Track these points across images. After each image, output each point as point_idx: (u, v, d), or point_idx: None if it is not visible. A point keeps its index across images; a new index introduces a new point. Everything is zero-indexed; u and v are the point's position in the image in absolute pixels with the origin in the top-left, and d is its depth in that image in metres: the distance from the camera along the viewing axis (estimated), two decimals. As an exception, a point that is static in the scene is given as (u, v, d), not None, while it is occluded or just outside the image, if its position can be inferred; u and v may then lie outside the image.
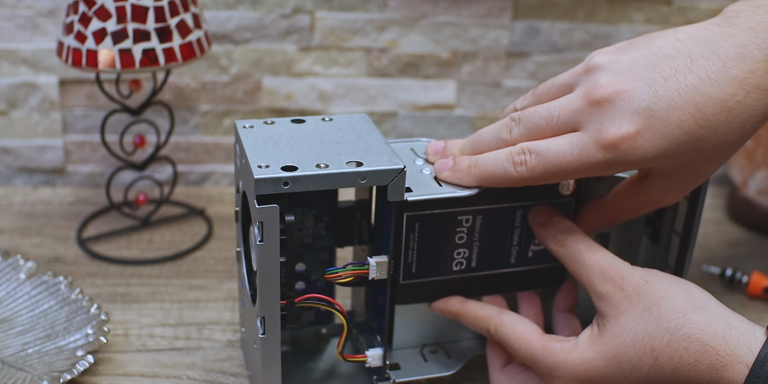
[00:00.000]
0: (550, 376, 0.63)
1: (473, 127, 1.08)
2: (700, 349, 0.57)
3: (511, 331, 0.66)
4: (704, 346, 0.57)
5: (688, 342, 0.58)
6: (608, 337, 0.61)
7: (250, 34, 1.00)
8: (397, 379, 0.70)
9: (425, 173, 0.68)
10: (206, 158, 1.06)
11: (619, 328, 0.61)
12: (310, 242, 0.72)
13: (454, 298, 0.70)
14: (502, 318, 0.67)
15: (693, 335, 0.58)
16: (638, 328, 0.60)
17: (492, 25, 1.03)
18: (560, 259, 0.66)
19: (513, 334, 0.66)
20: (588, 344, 0.62)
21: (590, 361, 0.61)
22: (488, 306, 0.69)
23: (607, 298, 0.62)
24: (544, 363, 0.63)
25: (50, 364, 0.73)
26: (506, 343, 0.66)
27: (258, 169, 0.59)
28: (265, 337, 0.63)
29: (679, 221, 0.71)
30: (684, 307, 0.59)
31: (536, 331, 0.65)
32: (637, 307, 0.60)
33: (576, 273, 0.65)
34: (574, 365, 0.62)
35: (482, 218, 0.68)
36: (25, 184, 1.05)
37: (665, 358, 0.59)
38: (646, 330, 0.59)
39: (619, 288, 0.62)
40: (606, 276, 0.62)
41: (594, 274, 0.63)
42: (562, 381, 0.63)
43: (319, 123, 0.67)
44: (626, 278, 0.62)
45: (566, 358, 0.62)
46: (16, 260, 0.83)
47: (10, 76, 0.99)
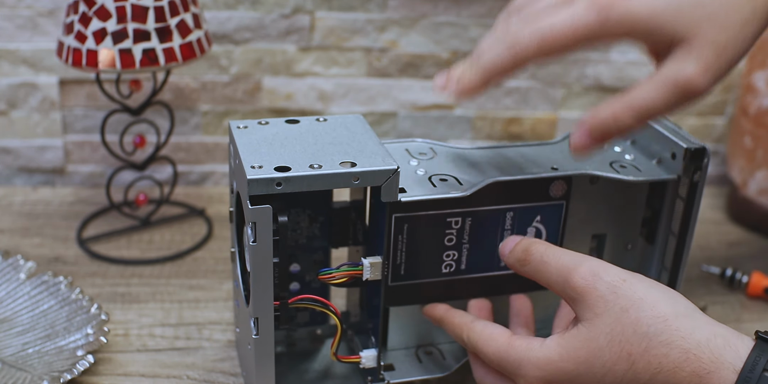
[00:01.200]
0: (515, 375, 0.61)
1: (473, 127, 1.08)
2: (681, 356, 0.55)
3: (481, 335, 0.64)
4: (686, 353, 0.55)
5: (668, 349, 0.55)
6: (581, 341, 0.58)
7: (250, 34, 1.00)
8: (391, 380, 0.70)
9: (419, 174, 0.68)
10: (206, 158, 1.06)
11: (594, 331, 0.58)
12: (304, 243, 0.72)
13: (440, 305, 0.69)
14: (474, 324, 0.65)
15: (673, 342, 0.55)
16: (615, 332, 0.57)
17: (492, 25, 1.02)
18: (530, 277, 0.64)
19: (482, 337, 0.64)
20: (557, 344, 0.59)
21: (556, 363, 0.59)
22: (466, 314, 0.68)
23: (581, 300, 0.59)
24: (509, 361, 0.61)
25: (50, 364, 0.73)
26: (477, 349, 0.64)
27: (251, 170, 0.59)
28: (259, 337, 0.63)
29: (675, 222, 0.71)
30: (665, 312, 0.56)
31: (505, 333, 0.63)
32: (613, 309, 0.57)
33: (547, 282, 0.62)
34: (539, 363, 0.59)
35: (471, 220, 0.68)
36: (25, 184, 1.05)
37: (642, 364, 0.56)
38: (623, 334, 0.56)
39: (592, 287, 0.58)
40: (578, 275, 0.59)
41: (563, 276, 0.60)
42: (527, 380, 0.60)
43: (313, 123, 0.67)
44: (599, 276, 0.59)
45: (530, 356, 0.60)
46: (16, 260, 0.83)
47: (10, 76, 0.99)
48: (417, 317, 0.73)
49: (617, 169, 0.70)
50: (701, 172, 0.68)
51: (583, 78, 1.06)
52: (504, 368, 0.62)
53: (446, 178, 0.67)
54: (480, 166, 0.69)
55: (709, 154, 0.68)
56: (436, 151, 0.71)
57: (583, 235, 0.73)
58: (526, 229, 0.70)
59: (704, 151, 0.68)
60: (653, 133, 0.71)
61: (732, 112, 1.08)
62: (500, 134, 1.09)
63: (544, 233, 0.71)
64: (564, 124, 1.09)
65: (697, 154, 0.68)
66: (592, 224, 0.73)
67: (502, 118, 1.08)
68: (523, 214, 0.70)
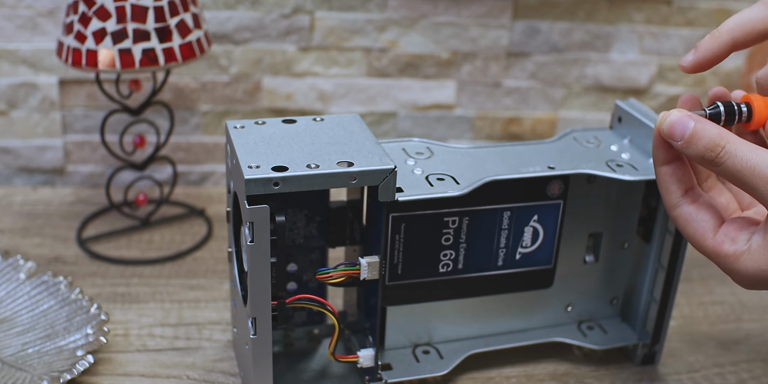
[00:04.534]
0: (726, 273, 0.59)
1: (473, 127, 1.08)
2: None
3: (686, 227, 0.60)
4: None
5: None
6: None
7: (250, 34, 1.00)
8: (389, 380, 0.70)
9: (416, 173, 0.68)
10: (206, 158, 1.06)
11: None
12: (301, 242, 0.72)
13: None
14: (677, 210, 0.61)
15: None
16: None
17: (492, 25, 1.03)
18: (718, 174, 0.58)
19: (688, 231, 0.60)
20: (762, 252, 0.57)
21: (767, 271, 0.56)
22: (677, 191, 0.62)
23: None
24: (718, 265, 0.59)
25: (50, 364, 0.73)
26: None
27: (248, 170, 0.59)
28: (256, 337, 0.63)
29: (671, 221, 0.71)
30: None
31: (708, 231, 0.60)
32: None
33: (743, 188, 0.56)
34: (749, 273, 0.57)
35: (468, 220, 0.68)
36: (25, 184, 1.05)
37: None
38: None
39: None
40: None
41: (767, 185, 0.54)
42: (737, 282, 0.59)
43: (310, 123, 0.67)
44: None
45: (738, 267, 0.57)
46: (16, 260, 0.84)
47: (10, 76, 0.99)
48: (414, 316, 0.73)
49: (614, 168, 0.70)
50: None
51: (583, 78, 1.07)
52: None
53: (443, 177, 0.67)
54: (477, 166, 0.69)
55: None
56: (433, 150, 0.71)
57: (579, 234, 0.73)
58: (524, 229, 0.70)
59: None
60: (650, 132, 0.71)
61: (732, 112, 1.08)
62: (500, 134, 1.09)
63: (542, 232, 0.71)
64: (564, 124, 1.09)
65: None
66: (589, 223, 0.73)
67: (502, 118, 1.08)
68: (520, 214, 0.70)
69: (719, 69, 1.07)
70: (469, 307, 0.74)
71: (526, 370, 0.76)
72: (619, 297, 0.78)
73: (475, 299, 0.74)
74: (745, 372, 0.77)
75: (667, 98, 1.09)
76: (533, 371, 0.76)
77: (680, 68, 0.62)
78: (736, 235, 0.58)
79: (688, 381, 0.76)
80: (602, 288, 0.77)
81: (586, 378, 0.76)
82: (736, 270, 0.58)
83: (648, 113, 0.73)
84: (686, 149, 0.58)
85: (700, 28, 1.05)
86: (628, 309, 0.78)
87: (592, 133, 0.76)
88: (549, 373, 0.76)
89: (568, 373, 0.76)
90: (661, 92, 1.09)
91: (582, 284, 0.76)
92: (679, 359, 0.79)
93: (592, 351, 0.79)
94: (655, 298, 0.75)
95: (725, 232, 0.59)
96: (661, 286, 0.74)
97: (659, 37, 1.05)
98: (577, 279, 0.75)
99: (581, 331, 0.77)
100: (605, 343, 0.76)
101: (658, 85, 1.08)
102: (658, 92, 1.09)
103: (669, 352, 0.79)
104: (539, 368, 0.77)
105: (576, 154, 0.72)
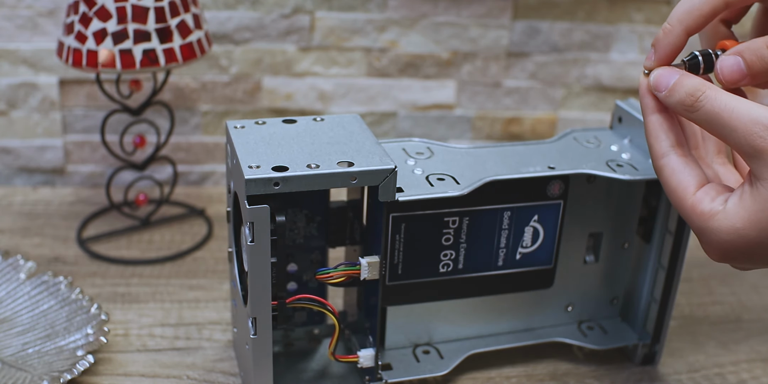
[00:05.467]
0: (698, 237, 0.58)
1: (473, 127, 1.08)
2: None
3: (670, 178, 0.59)
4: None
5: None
6: (762, 202, 0.54)
7: (250, 34, 1.00)
8: (389, 380, 0.70)
9: (417, 173, 0.68)
10: (206, 158, 1.06)
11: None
12: (302, 242, 0.72)
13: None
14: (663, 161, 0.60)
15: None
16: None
17: (492, 25, 1.03)
18: (697, 123, 0.58)
19: (671, 182, 0.59)
20: (737, 211, 0.55)
21: (739, 231, 0.55)
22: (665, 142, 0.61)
23: (760, 157, 0.54)
24: (692, 224, 0.58)
25: (50, 364, 0.73)
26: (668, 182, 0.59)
27: (249, 170, 0.59)
28: (257, 337, 0.63)
29: (672, 221, 0.71)
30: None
31: (689, 188, 0.58)
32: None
33: (721, 133, 0.56)
34: (721, 234, 0.55)
35: (469, 220, 0.68)
36: (25, 184, 1.05)
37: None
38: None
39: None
40: (763, 125, 0.53)
41: (745, 127, 0.54)
42: (708, 247, 0.57)
43: (310, 123, 0.67)
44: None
45: (711, 226, 0.56)
46: (16, 260, 0.84)
47: (10, 76, 0.99)
48: (414, 316, 0.73)
49: (614, 168, 0.70)
50: None
51: (582, 78, 1.07)
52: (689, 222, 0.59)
53: (443, 177, 0.67)
54: (477, 166, 0.69)
55: None
56: (433, 150, 0.71)
57: (580, 234, 0.73)
58: (524, 229, 0.70)
59: None
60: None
61: (732, 112, 1.08)
62: (500, 134, 1.09)
63: (542, 232, 0.71)
64: (564, 124, 1.09)
65: None
66: (589, 223, 0.73)
67: (502, 118, 1.08)
68: (520, 214, 0.70)
69: (719, 69, 1.07)
70: (469, 307, 0.74)
71: (526, 370, 0.76)
72: (619, 297, 0.78)
73: (475, 299, 0.74)
74: (745, 372, 0.77)
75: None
76: (533, 371, 0.76)
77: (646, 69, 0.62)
78: (716, 195, 0.57)
79: (688, 381, 0.76)
80: (602, 288, 0.77)
81: (586, 378, 0.76)
82: (708, 229, 0.56)
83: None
84: (669, 98, 0.58)
85: (700, 28, 1.05)
86: (628, 309, 0.78)
87: (592, 133, 0.76)
88: (549, 373, 0.76)
89: (568, 373, 0.76)
90: (661, 92, 1.09)
91: (582, 284, 0.76)
92: (679, 359, 0.79)
93: (592, 351, 0.79)
94: (655, 298, 0.75)
95: (706, 191, 0.58)
96: (661, 286, 0.74)
97: (659, 37, 1.05)
98: (578, 279, 0.75)
99: (581, 331, 0.77)
100: (605, 343, 0.76)
101: (658, 85, 1.08)
102: (658, 92, 1.09)
103: (669, 352, 0.79)
104: (539, 368, 0.77)
105: (576, 154, 0.72)
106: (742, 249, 0.55)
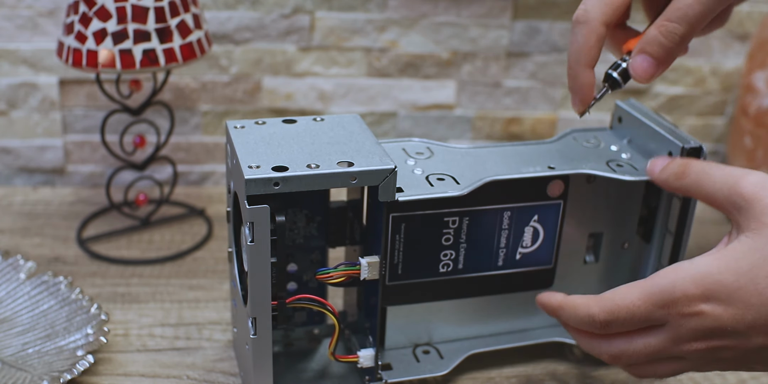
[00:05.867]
0: (670, 298, 0.57)
1: (473, 127, 1.08)
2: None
3: (614, 295, 0.59)
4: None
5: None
6: (744, 251, 0.56)
7: (250, 34, 1.00)
8: (389, 380, 0.70)
9: (417, 173, 0.68)
10: (206, 158, 1.06)
11: (760, 240, 0.56)
12: (301, 242, 0.72)
13: (556, 294, 0.65)
14: (599, 296, 0.61)
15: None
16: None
17: (492, 25, 1.03)
18: (689, 192, 0.63)
19: (617, 296, 0.59)
20: (714, 258, 0.57)
21: (714, 276, 0.56)
22: (582, 295, 0.63)
23: (747, 208, 0.57)
24: (659, 294, 0.57)
25: (50, 364, 0.73)
26: (615, 310, 0.59)
27: (248, 170, 0.59)
28: (257, 337, 0.63)
29: (672, 221, 0.71)
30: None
31: (639, 280, 0.60)
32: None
33: (708, 197, 0.61)
34: (695, 279, 0.56)
35: (469, 220, 0.68)
36: (25, 184, 1.05)
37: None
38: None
39: (762, 195, 0.57)
40: (747, 181, 0.58)
41: (729, 184, 0.59)
42: (683, 293, 0.57)
43: (310, 123, 0.67)
44: (766, 183, 0.58)
45: (683, 276, 0.57)
46: (16, 260, 0.84)
47: (10, 76, 0.99)
48: (414, 316, 0.73)
49: (614, 168, 0.70)
50: None
51: (582, 78, 1.06)
52: (654, 304, 0.58)
53: (443, 177, 0.68)
54: (477, 166, 0.69)
55: (705, 153, 0.68)
56: (433, 150, 0.71)
57: (580, 234, 0.73)
58: (524, 229, 0.70)
59: (700, 149, 0.68)
60: (650, 132, 0.71)
61: (732, 112, 1.08)
62: (500, 134, 1.09)
63: (542, 232, 0.71)
64: (564, 124, 1.09)
65: (693, 153, 0.68)
66: (590, 223, 0.73)
67: (502, 118, 1.08)
68: (520, 214, 0.70)
69: (719, 69, 1.08)
70: (469, 307, 0.74)
71: (526, 370, 0.76)
72: (619, 297, 0.78)
73: (475, 299, 0.74)
74: (745, 372, 0.77)
75: (667, 98, 1.09)
76: (533, 371, 0.76)
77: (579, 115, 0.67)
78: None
79: (688, 381, 0.76)
80: (602, 288, 0.77)
81: (586, 378, 0.76)
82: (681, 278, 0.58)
83: (648, 113, 0.73)
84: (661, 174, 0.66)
85: (700, 28, 1.05)
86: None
87: (592, 133, 0.76)
88: (549, 373, 0.76)
89: (568, 373, 0.76)
90: (661, 92, 1.09)
91: (582, 284, 0.76)
92: (679, 359, 0.79)
93: (592, 351, 0.79)
94: (655, 298, 0.75)
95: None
96: (661, 286, 0.74)
97: (659, 37, 1.05)
98: (578, 279, 0.75)
99: (581, 331, 0.77)
100: (605, 343, 0.76)
101: (658, 85, 1.08)
102: (658, 92, 1.09)
103: (669, 352, 0.79)
104: (539, 368, 0.77)
105: (576, 154, 0.72)
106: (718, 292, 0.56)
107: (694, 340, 0.58)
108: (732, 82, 1.08)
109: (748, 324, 0.56)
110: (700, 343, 0.58)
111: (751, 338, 0.57)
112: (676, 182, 0.64)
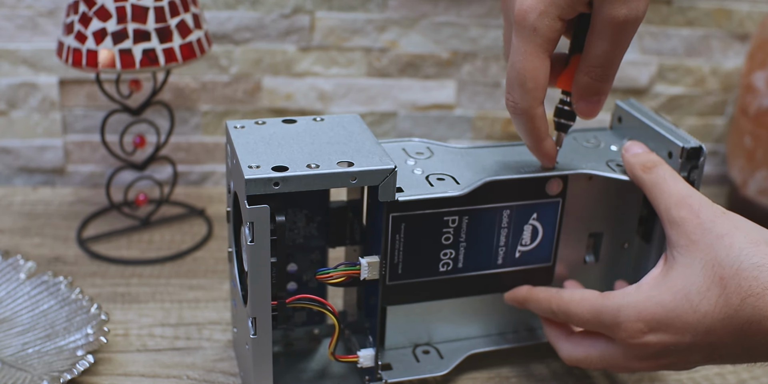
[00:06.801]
0: (615, 323, 0.62)
1: (473, 127, 1.08)
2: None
3: (571, 298, 0.66)
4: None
5: (759, 271, 0.57)
6: (677, 269, 0.61)
7: (250, 34, 1.00)
8: (389, 380, 0.70)
9: (416, 173, 0.68)
10: (206, 158, 1.06)
11: (689, 257, 0.60)
12: (301, 242, 0.72)
13: (522, 287, 0.71)
14: (560, 293, 0.67)
15: (764, 265, 0.57)
16: (708, 257, 0.59)
17: (492, 25, 1.03)
18: (642, 185, 0.67)
19: (573, 300, 0.66)
20: (653, 280, 0.62)
21: (656, 297, 0.61)
22: (549, 288, 0.70)
23: (681, 225, 0.62)
24: (606, 312, 0.63)
25: (50, 364, 0.73)
26: (570, 314, 0.66)
27: (248, 170, 0.59)
28: (257, 337, 0.63)
29: None
30: (757, 238, 0.59)
31: (595, 292, 0.65)
32: (709, 236, 0.60)
33: (655, 200, 0.65)
34: (639, 304, 0.61)
35: (468, 219, 0.68)
36: (25, 184, 1.05)
37: (733, 287, 0.57)
38: (716, 258, 0.59)
39: (695, 215, 0.62)
40: (684, 202, 0.63)
41: (673, 200, 0.63)
42: (627, 325, 0.62)
43: (310, 123, 0.67)
44: (704, 206, 0.62)
45: (629, 300, 0.62)
46: (16, 260, 0.84)
47: (10, 76, 0.99)
48: (414, 316, 0.73)
49: (613, 167, 0.70)
50: (698, 171, 0.68)
51: (582, 78, 1.06)
52: (601, 322, 0.63)
53: (443, 177, 0.68)
54: (477, 165, 0.69)
55: (705, 153, 0.68)
56: (433, 150, 0.72)
57: (579, 234, 0.73)
58: (523, 228, 0.70)
59: (700, 149, 0.68)
60: (650, 132, 0.71)
61: (732, 112, 1.08)
62: (500, 134, 1.09)
63: (541, 230, 0.71)
64: (564, 124, 1.09)
65: (693, 153, 0.68)
66: (589, 223, 0.73)
67: (502, 118, 1.08)
68: (519, 213, 0.70)
69: (719, 69, 1.07)
70: (469, 306, 0.74)
71: (526, 370, 0.76)
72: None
73: (476, 299, 0.74)
74: (745, 372, 0.77)
75: (667, 98, 1.09)
76: (533, 371, 0.76)
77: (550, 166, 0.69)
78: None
79: (688, 381, 0.76)
80: (602, 288, 0.77)
81: (586, 378, 0.76)
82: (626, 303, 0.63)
83: (648, 113, 0.73)
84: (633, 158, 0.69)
85: (700, 28, 1.05)
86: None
87: (592, 133, 0.76)
88: (549, 373, 0.76)
89: (568, 373, 0.76)
90: (661, 92, 1.09)
91: (582, 284, 0.76)
92: (679, 359, 0.79)
93: (592, 351, 0.79)
94: (655, 298, 0.75)
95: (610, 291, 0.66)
96: (661, 286, 0.74)
97: (659, 37, 1.05)
98: (578, 279, 0.75)
99: (581, 331, 0.77)
100: (605, 343, 0.76)
101: (658, 85, 1.08)
102: (658, 92, 1.09)
103: (669, 352, 0.79)
104: (539, 368, 0.77)
105: (576, 153, 0.72)
106: (659, 315, 0.61)
107: (644, 359, 0.63)
108: (732, 82, 1.08)
109: (689, 344, 0.60)
110: (650, 362, 0.63)
111: (693, 355, 0.61)
112: (639, 172, 0.67)
